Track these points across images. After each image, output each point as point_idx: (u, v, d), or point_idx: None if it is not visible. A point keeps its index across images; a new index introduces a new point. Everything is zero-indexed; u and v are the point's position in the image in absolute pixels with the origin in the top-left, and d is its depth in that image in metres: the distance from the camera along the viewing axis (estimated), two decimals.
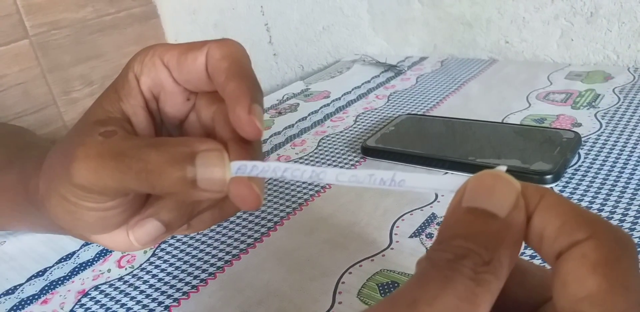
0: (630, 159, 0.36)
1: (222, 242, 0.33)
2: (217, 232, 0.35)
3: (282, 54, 0.85)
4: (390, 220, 0.33)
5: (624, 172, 0.34)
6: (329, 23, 0.75)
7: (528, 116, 0.44)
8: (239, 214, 0.36)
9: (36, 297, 0.31)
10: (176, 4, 0.94)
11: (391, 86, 0.58)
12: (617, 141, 0.38)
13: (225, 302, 0.28)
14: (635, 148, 0.37)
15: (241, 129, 0.19)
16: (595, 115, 0.43)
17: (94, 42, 0.91)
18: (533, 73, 0.54)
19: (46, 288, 0.32)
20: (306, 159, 0.43)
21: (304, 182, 0.39)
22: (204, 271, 0.31)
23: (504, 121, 0.44)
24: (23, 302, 0.31)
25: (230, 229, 0.35)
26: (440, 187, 0.15)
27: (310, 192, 0.38)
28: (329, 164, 0.41)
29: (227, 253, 0.32)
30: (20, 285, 0.32)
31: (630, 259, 0.12)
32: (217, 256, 0.32)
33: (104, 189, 0.19)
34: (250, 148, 0.20)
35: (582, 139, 0.38)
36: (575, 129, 0.40)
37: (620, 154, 0.36)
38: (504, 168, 0.14)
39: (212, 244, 0.33)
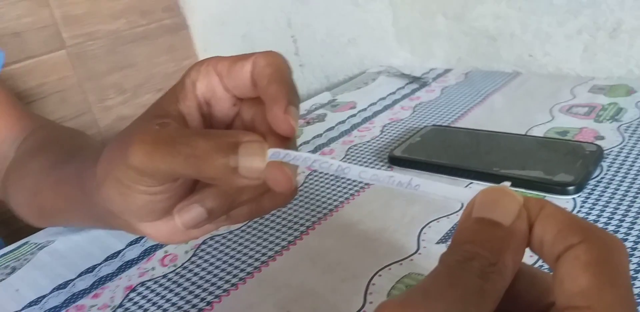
0: None
1: (258, 244, 0.35)
2: (253, 235, 0.37)
3: (308, 65, 0.88)
4: (418, 227, 0.35)
5: None
6: (355, 35, 0.77)
7: (551, 129, 0.46)
8: (273, 218, 0.38)
9: (87, 291, 0.33)
10: (206, 15, 0.98)
11: (416, 97, 0.59)
12: None
13: (263, 300, 0.30)
14: None
15: (277, 127, 0.21)
16: (618, 128, 0.44)
17: (127, 53, 0.96)
18: (556, 86, 0.55)
19: (96, 283, 0.34)
20: None
21: (334, 190, 0.41)
22: (242, 270, 0.33)
23: (528, 133, 0.45)
24: (75, 296, 0.33)
25: (265, 232, 0.37)
26: (450, 195, 0.17)
27: (340, 199, 0.40)
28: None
29: (263, 254, 0.34)
30: (72, 280, 0.35)
31: (617, 259, 0.14)
32: (253, 256, 0.34)
33: (155, 172, 0.21)
34: (285, 144, 0.22)
35: (605, 152, 0.40)
36: (597, 142, 0.41)
37: None
38: (508, 184, 0.16)
39: (248, 246, 0.35)
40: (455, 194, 0.17)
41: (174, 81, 0.28)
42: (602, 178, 0.37)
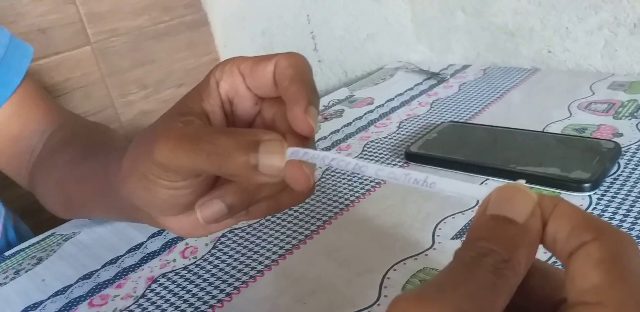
0: None
1: (276, 238, 0.36)
2: (271, 229, 0.37)
3: (326, 61, 0.88)
4: (433, 222, 0.35)
5: None
6: (373, 31, 0.77)
7: (569, 125, 0.45)
8: (291, 212, 0.39)
9: (111, 282, 0.35)
10: (226, 12, 0.99)
11: (434, 93, 0.60)
12: None
13: (280, 292, 0.31)
14: None
15: (297, 126, 0.22)
16: (637, 125, 0.44)
17: (149, 49, 0.97)
18: (575, 83, 0.54)
19: (119, 274, 0.35)
20: None
21: (350, 185, 0.42)
22: (260, 263, 0.34)
23: (545, 130, 0.45)
24: (99, 286, 0.35)
25: (283, 226, 0.38)
26: (466, 193, 0.18)
27: (357, 195, 0.40)
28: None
29: (281, 248, 0.35)
30: (96, 271, 0.36)
31: (629, 257, 0.14)
32: (271, 250, 0.35)
33: (178, 168, 0.22)
34: (304, 143, 0.22)
35: (623, 149, 0.39)
36: (615, 139, 0.41)
37: None
38: (523, 181, 0.17)
39: (266, 239, 0.36)
40: (470, 191, 0.18)
41: (194, 77, 0.29)
42: (619, 175, 0.37)
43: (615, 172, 0.37)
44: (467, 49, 0.68)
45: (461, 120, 0.50)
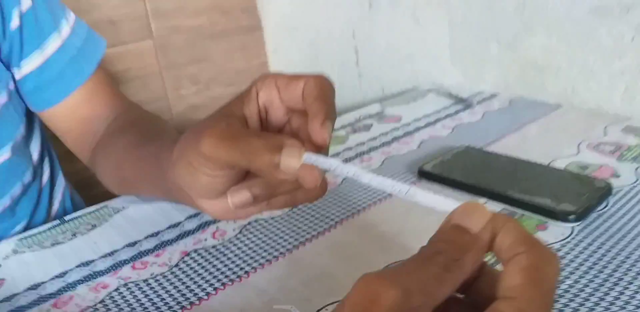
0: None
1: (293, 231, 0.42)
2: (290, 223, 0.43)
3: (366, 76, 0.94)
4: (430, 233, 0.40)
5: None
6: (412, 52, 0.83)
7: (573, 162, 0.50)
8: (309, 210, 0.45)
9: (151, 251, 0.41)
10: (279, 19, 1.06)
11: (458, 118, 0.64)
12: None
13: (290, 276, 0.37)
14: None
15: (313, 136, 0.28)
16: (636, 169, 0.47)
17: (205, 47, 1.05)
18: (591, 123, 0.58)
19: (158, 246, 0.42)
20: None
21: (364, 194, 0.47)
22: (276, 250, 0.40)
23: (550, 164, 0.49)
24: (141, 253, 0.41)
25: (300, 222, 0.43)
26: (437, 205, 0.23)
27: (368, 202, 0.46)
28: None
29: (296, 240, 0.41)
30: (139, 240, 0.43)
31: (547, 268, 0.19)
32: (287, 240, 0.41)
33: (218, 160, 0.28)
34: (318, 151, 0.28)
35: (615, 190, 0.43)
36: (612, 180, 0.45)
37: None
38: (483, 201, 0.22)
39: (284, 231, 0.42)
40: (441, 204, 0.23)
41: (243, 78, 0.35)
42: (604, 212, 0.41)
43: (602, 209, 0.42)
44: (497, 78, 0.72)
45: (477, 146, 0.55)
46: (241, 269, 0.38)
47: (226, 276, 0.38)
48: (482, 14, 0.70)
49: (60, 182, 0.60)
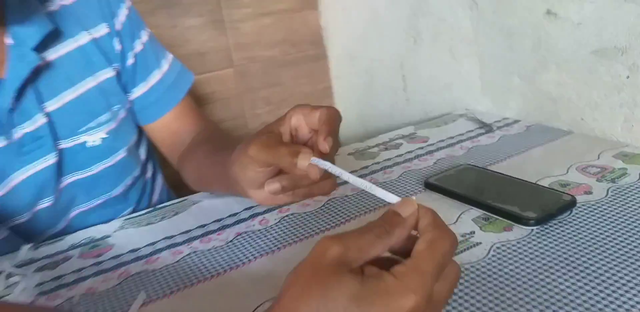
0: (604, 233, 0.50)
1: (318, 222, 0.56)
2: (313, 219, 0.57)
3: (412, 100, 1.06)
4: None
5: (595, 238, 0.49)
6: (450, 81, 0.94)
7: (557, 181, 0.59)
8: (328, 210, 0.58)
9: (215, 231, 0.57)
10: (341, 51, 1.22)
11: (477, 140, 0.75)
12: (608, 212, 0.52)
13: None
14: (610, 225, 0.51)
15: (319, 146, 0.42)
16: (608, 189, 0.56)
17: (277, 74, 1.23)
18: (590, 148, 0.67)
19: (220, 228, 0.57)
20: (388, 184, 0.64)
21: (375, 199, 0.60)
22: (302, 234, 0.54)
23: (536, 181, 0.59)
24: (208, 232, 0.57)
25: (321, 219, 0.57)
26: (386, 199, 0.36)
27: (374, 206, 0.58)
28: (394, 190, 0.61)
29: (318, 228, 0.55)
30: (207, 224, 0.59)
31: (444, 244, 0.31)
32: (312, 228, 0.55)
33: (259, 160, 0.43)
34: (322, 156, 0.42)
35: (582, 204, 0.53)
36: (584, 196, 0.54)
37: (601, 223, 0.51)
38: (414, 197, 0.35)
39: (311, 222, 0.56)
40: (389, 198, 0.36)
41: (310, 100, 0.50)
42: (564, 220, 0.51)
43: (564, 218, 0.51)
44: (520, 107, 0.82)
45: (482, 165, 0.66)
46: (275, 245, 0.53)
47: (264, 250, 0.52)
48: (505, 52, 0.81)
49: (159, 180, 0.78)
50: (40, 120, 0.57)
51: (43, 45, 0.57)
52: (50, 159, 0.59)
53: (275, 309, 0.30)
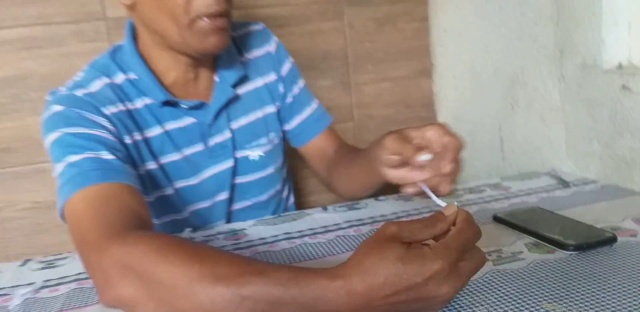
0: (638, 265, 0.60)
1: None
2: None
3: (508, 159, 1.19)
4: None
5: (630, 268, 0.59)
6: (540, 144, 1.06)
7: (609, 225, 0.69)
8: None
9: (321, 232, 0.75)
10: (448, 113, 1.39)
11: (552, 193, 0.86)
12: None
13: None
14: None
15: (442, 169, 0.58)
16: None
17: (390, 130, 1.41)
18: None
19: (324, 231, 0.76)
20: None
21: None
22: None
23: (591, 224, 0.69)
24: (315, 233, 0.76)
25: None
26: (438, 203, 0.52)
27: None
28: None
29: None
30: (315, 228, 0.78)
31: (468, 231, 0.47)
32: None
33: (390, 149, 0.59)
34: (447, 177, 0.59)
35: (626, 243, 0.63)
36: (629, 238, 0.64)
37: (637, 258, 0.60)
38: (455, 202, 0.51)
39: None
40: (440, 203, 0.52)
41: None
42: (602, 251, 0.61)
43: (604, 250, 0.62)
44: (598, 169, 0.92)
45: (546, 208, 0.77)
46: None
47: (353, 247, 0.69)
48: (587, 120, 0.92)
49: (291, 200, 1.03)
50: (227, 134, 0.84)
51: (236, 84, 0.85)
52: (229, 164, 0.85)
53: (348, 261, 0.47)
